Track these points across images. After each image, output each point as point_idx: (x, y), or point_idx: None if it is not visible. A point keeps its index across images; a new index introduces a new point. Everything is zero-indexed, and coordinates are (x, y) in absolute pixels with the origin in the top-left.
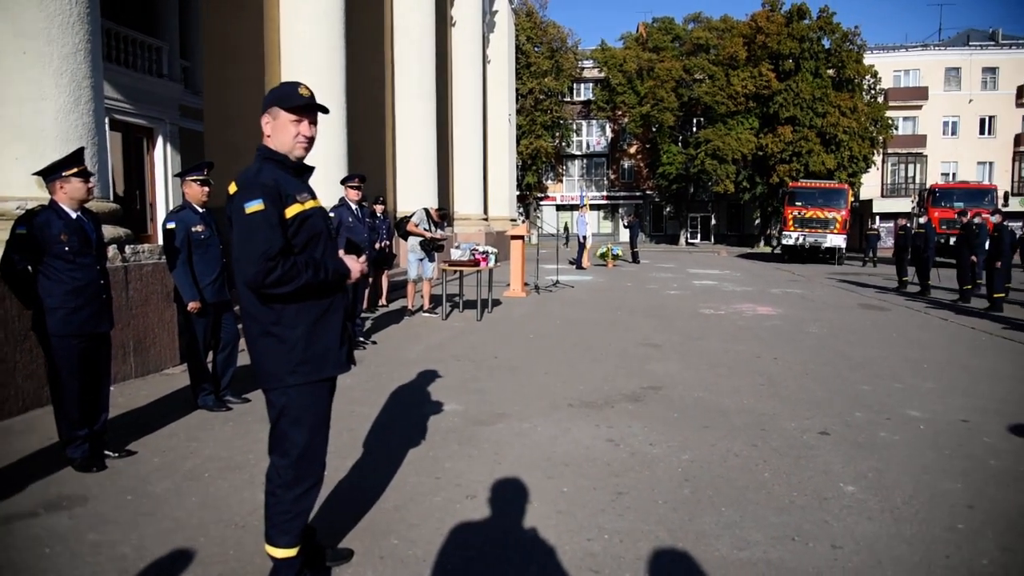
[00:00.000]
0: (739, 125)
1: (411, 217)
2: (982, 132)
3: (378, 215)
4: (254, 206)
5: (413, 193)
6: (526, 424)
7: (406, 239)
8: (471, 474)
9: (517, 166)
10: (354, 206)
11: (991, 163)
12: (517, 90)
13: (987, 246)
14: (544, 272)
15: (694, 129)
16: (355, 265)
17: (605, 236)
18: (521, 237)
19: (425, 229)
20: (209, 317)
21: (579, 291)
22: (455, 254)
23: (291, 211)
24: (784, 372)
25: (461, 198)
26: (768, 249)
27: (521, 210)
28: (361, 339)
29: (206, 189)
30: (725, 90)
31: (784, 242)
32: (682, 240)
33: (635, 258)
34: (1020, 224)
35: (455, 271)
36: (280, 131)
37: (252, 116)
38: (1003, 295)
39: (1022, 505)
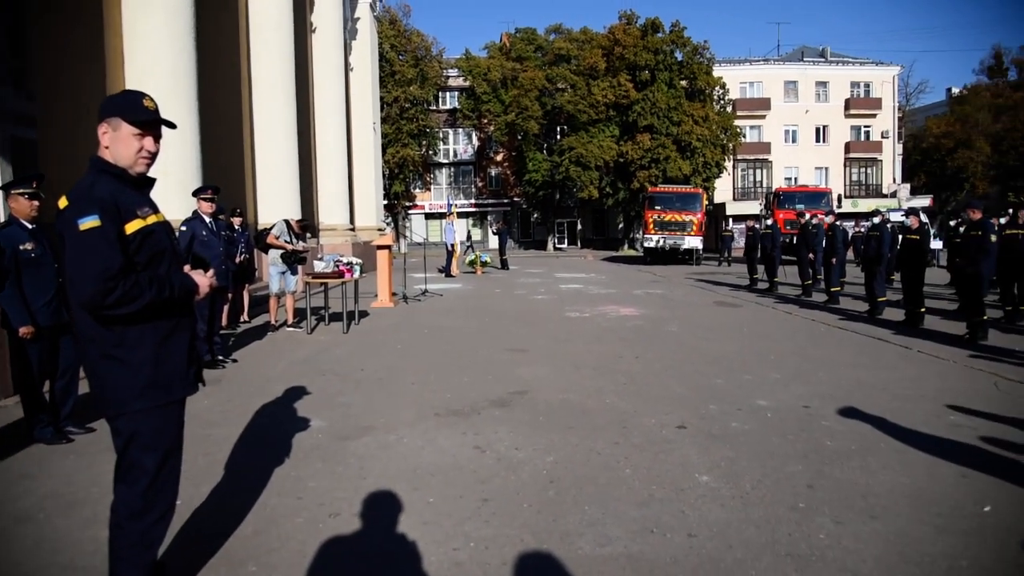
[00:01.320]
0: (601, 133)
1: (271, 229)
2: (818, 140)
3: (236, 228)
4: (89, 222)
5: (274, 204)
6: (392, 436)
7: (267, 252)
8: (335, 491)
9: (384, 175)
10: (208, 219)
11: (827, 168)
12: (382, 98)
13: (823, 244)
14: (413, 281)
15: (558, 137)
16: (203, 280)
17: (475, 243)
18: (388, 247)
19: (286, 241)
20: (44, 342)
21: (448, 299)
22: (318, 266)
23: (131, 227)
24: (645, 370)
25: (326, 208)
26: (632, 252)
27: (389, 219)
28: (220, 357)
29: (35, 203)
30: (587, 99)
31: (646, 245)
32: (550, 245)
33: (504, 264)
34: (852, 223)
35: (319, 283)
36: (120, 144)
37: (92, 124)
38: (839, 288)
39: (853, 481)
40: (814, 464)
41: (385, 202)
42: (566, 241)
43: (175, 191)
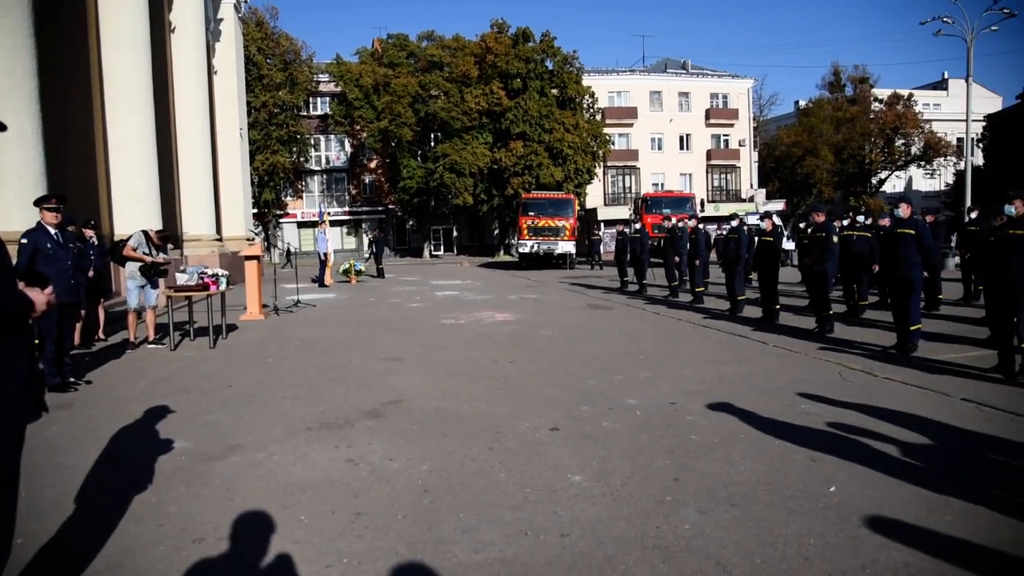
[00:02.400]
0: (474, 140)
1: (128, 240)
2: (682, 147)
3: (88, 239)
4: None
5: (131, 214)
6: (261, 454)
7: (123, 265)
8: (200, 515)
9: (253, 182)
10: (53, 230)
11: (691, 174)
12: (249, 103)
13: (688, 247)
14: (284, 292)
15: (432, 144)
16: (39, 297)
17: (349, 252)
18: (257, 257)
19: (145, 253)
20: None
21: (321, 310)
22: (181, 278)
23: None
24: (519, 374)
25: (190, 218)
26: (508, 257)
27: (259, 228)
28: (72, 379)
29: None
30: (460, 106)
31: (521, 250)
32: (426, 252)
33: (380, 273)
34: (714, 227)
35: (183, 297)
36: None
37: None
38: (703, 289)
39: (716, 472)
40: (680, 458)
41: (255, 211)
42: (442, 248)
43: (15, 201)
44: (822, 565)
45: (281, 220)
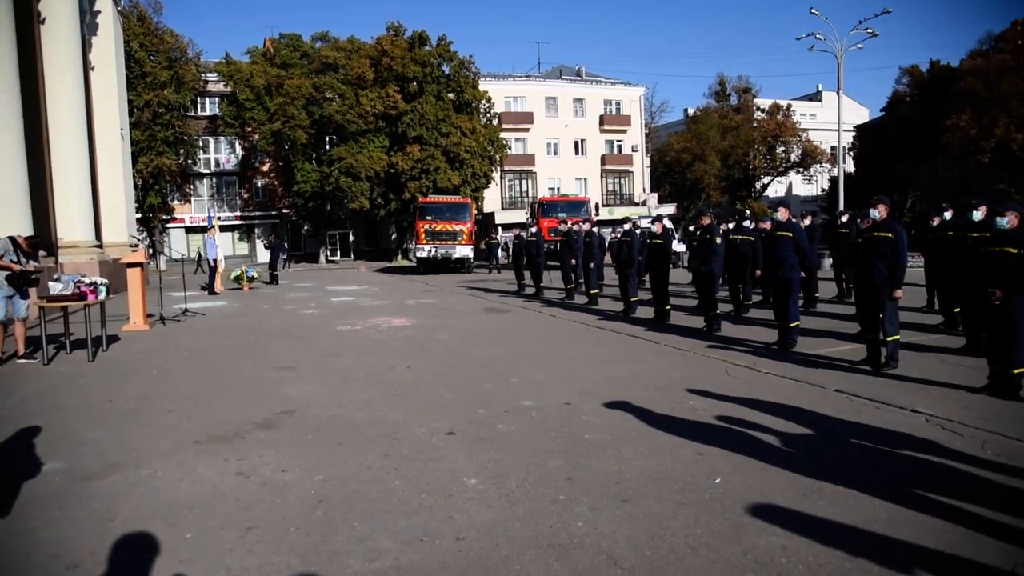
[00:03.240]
0: (371, 143)
1: None
2: (577, 152)
3: None
4: None
5: None
6: (144, 471)
7: None
8: (76, 540)
9: (137, 185)
10: None
11: (586, 179)
12: (131, 102)
13: (583, 250)
14: (171, 301)
15: (327, 147)
16: None
17: (241, 258)
18: (140, 264)
19: (12, 261)
20: None
21: (211, 318)
22: (55, 288)
23: None
24: (416, 380)
25: (65, 223)
26: (406, 262)
27: (144, 234)
28: None
29: None
30: (355, 109)
31: (418, 255)
32: (322, 258)
33: (274, 279)
34: (609, 230)
35: (58, 308)
36: None
37: None
38: (597, 291)
39: (608, 470)
40: (574, 457)
41: (139, 215)
42: (339, 253)
43: None
44: (707, 553)
45: (168, 225)
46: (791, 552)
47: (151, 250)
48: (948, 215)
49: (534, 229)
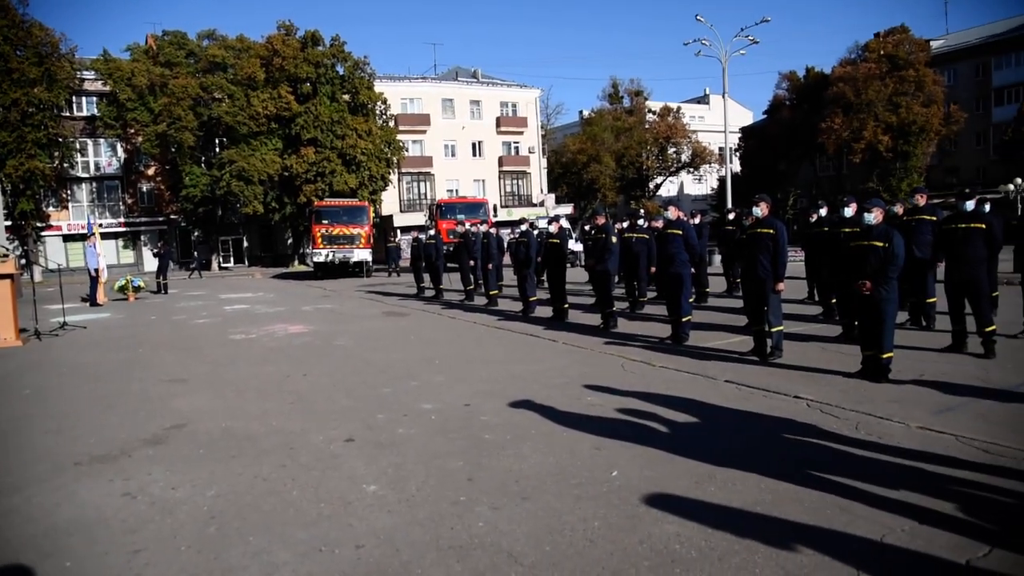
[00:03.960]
0: (263, 146)
1: None
2: (475, 154)
3: None
4: None
5: None
6: (17, 498)
7: None
8: None
9: (5, 191)
10: None
11: (484, 180)
12: None
13: (482, 251)
14: (48, 314)
15: (217, 150)
16: None
17: (127, 267)
18: (11, 276)
19: None
20: None
21: (93, 331)
22: None
23: None
24: (314, 387)
25: None
26: (303, 267)
27: (15, 243)
28: None
29: None
30: (246, 110)
31: (315, 259)
32: (214, 265)
33: (162, 288)
34: (508, 231)
35: None
36: None
37: None
38: (497, 292)
39: (508, 468)
40: (474, 458)
41: (8, 223)
42: (232, 260)
43: None
44: (605, 545)
45: (43, 233)
46: (684, 538)
47: (23, 260)
48: (823, 212)
49: (433, 231)
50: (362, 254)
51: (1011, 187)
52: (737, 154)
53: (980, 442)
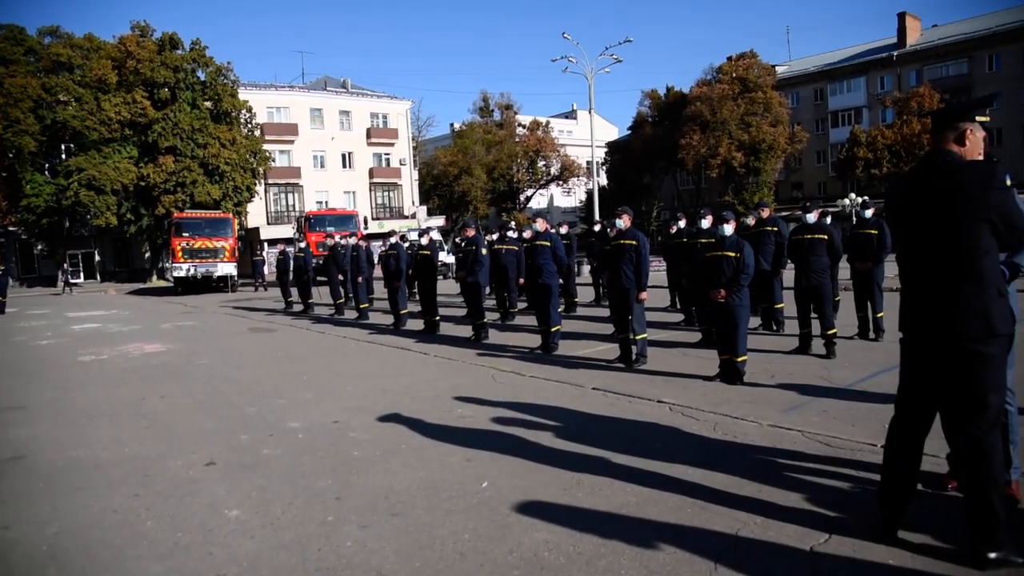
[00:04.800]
0: (116, 153)
1: None
2: (344, 165)
3: None
4: None
5: None
6: None
7: None
8: None
9: None
10: None
11: (354, 192)
12: None
13: (352, 264)
14: None
15: (64, 156)
16: None
17: None
18: None
19: None
20: None
21: None
22: None
23: None
24: (172, 410)
25: None
26: (163, 282)
27: None
28: None
29: None
30: (97, 115)
31: (175, 274)
32: (60, 281)
33: None
34: (380, 243)
35: None
36: None
37: None
38: (367, 305)
39: (377, 485)
40: (342, 476)
41: None
42: (82, 275)
43: None
44: (475, 557)
45: None
46: (553, 545)
47: None
48: (682, 224)
49: (302, 244)
50: (226, 268)
51: (847, 201)
52: (604, 168)
53: (823, 436)
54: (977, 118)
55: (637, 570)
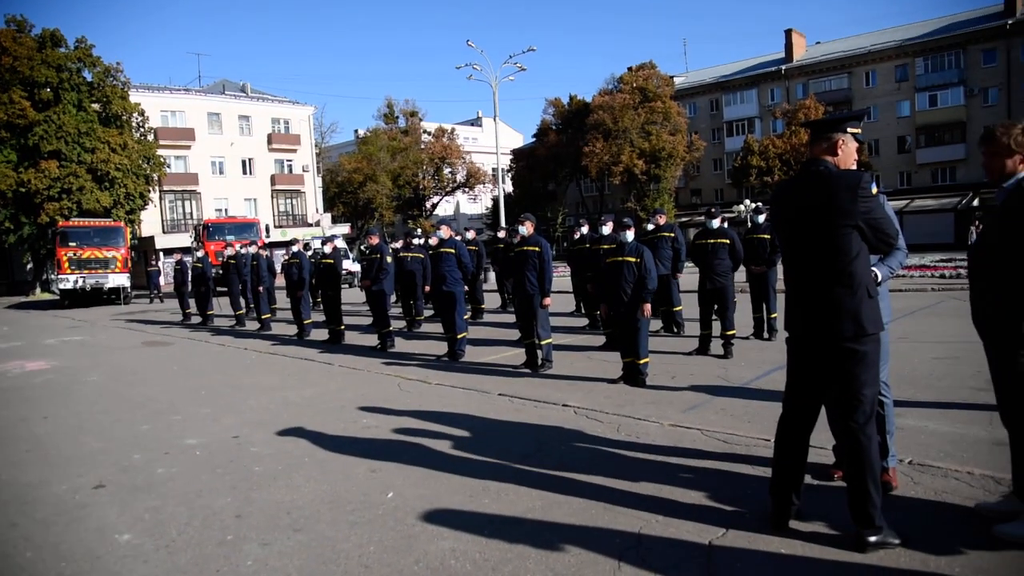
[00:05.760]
0: None
1: None
2: (245, 172)
3: None
4: None
5: None
6: None
7: None
8: None
9: None
10: None
11: (255, 199)
12: None
13: (252, 273)
14: None
15: None
16: None
17: None
18: None
19: None
20: None
21: None
22: None
23: None
24: (55, 431)
25: None
26: (48, 295)
27: None
28: None
29: None
30: None
31: (62, 287)
32: None
33: None
34: (283, 252)
35: None
36: None
37: None
38: (269, 315)
39: (279, 500)
40: (243, 492)
41: None
42: None
43: None
44: (380, 569)
45: None
46: (459, 553)
47: None
48: (585, 230)
49: (200, 253)
50: (118, 279)
51: (742, 207)
52: (509, 175)
53: (721, 434)
54: (849, 129)
55: (543, 573)
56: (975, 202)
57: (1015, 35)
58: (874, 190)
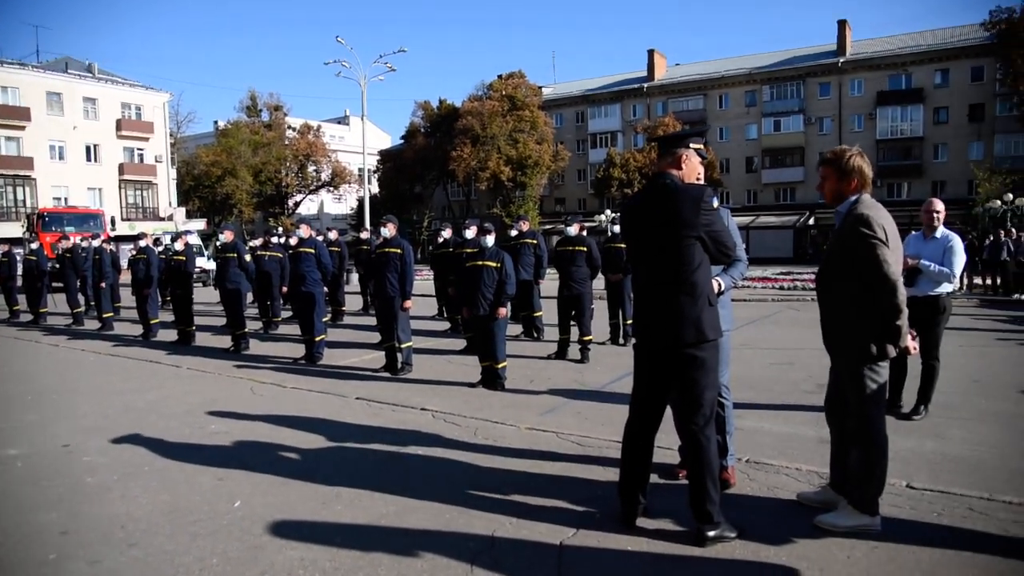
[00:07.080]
0: None
1: None
2: (89, 159)
3: None
4: None
5: None
6: None
7: None
8: None
9: None
10: None
11: (101, 189)
12: None
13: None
14: None
15: None
16: None
17: None
18: None
19: None
20: None
21: None
22: None
23: None
24: None
25: None
26: None
27: None
28: None
29: None
30: None
31: None
32: None
33: None
34: (130, 246)
35: None
36: None
37: None
38: (112, 314)
39: (113, 514)
40: (71, 506)
41: None
42: None
43: None
44: None
45: None
46: (309, 562)
47: None
48: (447, 233)
49: (34, 245)
50: None
51: (603, 217)
52: (376, 176)
53: (575, 436)
54: (692, 145)
55: None
56: (811, 220)
57: (845, 72)
58: (715, 204)
